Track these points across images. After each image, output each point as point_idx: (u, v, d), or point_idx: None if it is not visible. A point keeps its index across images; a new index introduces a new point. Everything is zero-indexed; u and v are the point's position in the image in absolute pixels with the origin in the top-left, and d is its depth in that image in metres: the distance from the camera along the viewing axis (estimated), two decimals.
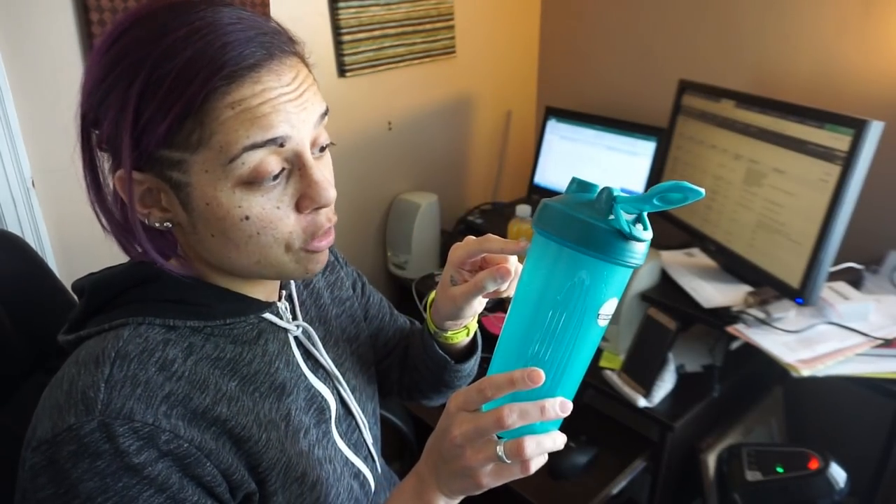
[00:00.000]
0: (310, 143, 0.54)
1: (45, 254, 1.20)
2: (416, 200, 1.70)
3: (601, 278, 0.47)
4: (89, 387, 0.50)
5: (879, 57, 1.32)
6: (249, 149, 0.49)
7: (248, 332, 0.62)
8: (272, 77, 0.50)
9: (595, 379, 1.29)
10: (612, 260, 0.46)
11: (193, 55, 0.48)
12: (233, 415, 0.56)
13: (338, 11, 1.50)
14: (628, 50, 1.78)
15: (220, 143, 0.49)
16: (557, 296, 0.48)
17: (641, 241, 0.47)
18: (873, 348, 1.07)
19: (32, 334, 0.79)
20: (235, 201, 0.51)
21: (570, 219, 0.46)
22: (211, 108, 0.48)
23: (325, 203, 0.54)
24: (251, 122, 0.49)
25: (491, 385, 0.50)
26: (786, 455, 1.20)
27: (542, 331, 0.49)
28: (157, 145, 0.49)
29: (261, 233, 0.53)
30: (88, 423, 0.48)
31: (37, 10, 1.11)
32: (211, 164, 0.50)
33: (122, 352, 0.52)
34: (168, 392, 0.52)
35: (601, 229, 0.46)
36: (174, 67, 0.47)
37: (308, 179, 0.53)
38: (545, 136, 1.86)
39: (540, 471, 0.54)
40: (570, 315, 0.48)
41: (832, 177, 1.04)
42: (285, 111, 0.50)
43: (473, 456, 0.51)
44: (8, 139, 1.11)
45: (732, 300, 1.22)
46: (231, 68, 0.48)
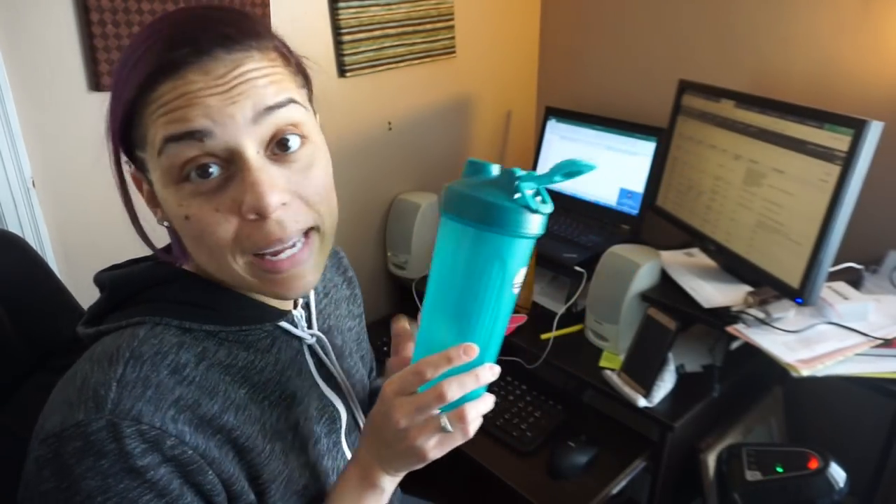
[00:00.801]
0: (258, 140, 0.51)
1: (45, 254, 1.20)
2: (416, 200, 1.70)
3: (512, 252, 0.51)
4: (101, 385, 0.50)
5: (879, 57, 1.32)
6: (169, 141, 0.49)
7: (263, 340, 0.61)
8: (197, 73, 0.49)
9: (595, 379, 1.29)
10: (521, 234, 0.50)
11: (136, 59, 0.50)
12: (239, 423, 0.56)
13: (338, 11, 1.50)
14: (628, 50, 1.78)
15: (150, 138, 0.51)
16: (475, 274, 0.51)
17: (544, 214, 0.51)
18: (873, 348, 1.07)
19: (33, 334, 0.79)
20: (176, 199, 0.52)
21: (480, 201, 0.49)
22: (143, 107, 0.51)
23: (261, 209, 0.50)
24: (167, 116, 0.49)
25: (429, 365, 0.52)
26: (786, 455, 1.20)
27: (465, 308, 0.52)
28: (127, 144, 0.54)
29: (202, 235, 0.52)
30: (97, 420, 0.48)
31: (37, 10, 1.11)
32: (152, 162, 0.52)
33: (136, 352, 0.52)
34: (178, 396, 0.52)
35: (508, 208, 0.49)
36: (123, 72, 0.52)
37: (244, 182, 0.50)
38: (545, 136, 1.86)
39: (540, 471, 0.55)
40: (489, 290, 0.52)
41: (832, 177, 1.04)
42: (204, 105, 0.49)
43: (418, 434, 0.53)
44: (8, 139, 1.11)
45: (732, 300, 1.22)
46: (153, 68, 0.49)
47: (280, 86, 0.52)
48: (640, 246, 1.37)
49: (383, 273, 1.82)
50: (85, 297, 0.87)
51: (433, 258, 0.54)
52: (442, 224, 0.53)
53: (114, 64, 1.17)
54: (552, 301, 1.54)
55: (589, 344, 1.40)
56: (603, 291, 1.34)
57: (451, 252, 0.52)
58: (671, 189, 1.49)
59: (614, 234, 1.64)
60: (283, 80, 0.53)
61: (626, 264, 1.30)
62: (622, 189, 1.68)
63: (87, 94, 1.19)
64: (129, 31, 1.18)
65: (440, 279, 0.53)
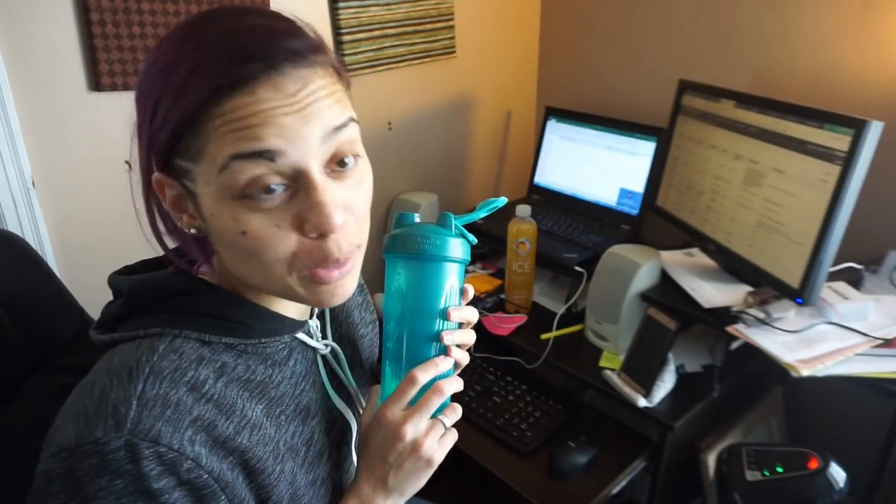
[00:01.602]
0: (322, 160, 0.51)
1: (45, 254, 1.20)
2: (416, 200, 1.70)
3: (459, 273, 0.62)
4: (121, 402, 0.49)
5: (879, 57, 1.32)
6: (236, 158, 0.48)
7: (280, 352, 0.61)
8: (268, 89, 0.48)
9: (595, 379, 1.29)
10: (463, 260, 0.61)
11: (194, 67, 0.48)
12: (252, 445, 0.55)
13: (338, 11, 1.50)
14: (628, 50, 1.78)
15: (211, 153, 0.49)
16: (438, 294, 0.60)
17: (474, 243, 0.62)
18: (873, 348, 1.07)
19: (33, 334, 0.79)
20: (232, 214, 0.50)
21: (434, 239, 0.59)
22: (205, 119, 0.48)
23: (325, 230, 0.51)
24: (238, 132, 0.48)
25: (419, 371, 0.58)
26: (786, 455, 1.20)
27: (435, 321, 0.60)
28: (167, 153, 0.51)
29: (259, 251, 0.51)
30: (116, 439, 0.47)
31: (37, 10, 1.11)
32: (209, 175, 0.50)
33: (156, 367, 0.51)
34: (196, 416, 0.52)
35: (455, 241, 0.60)
36: (177, 80, 0.49)
37: (310, 201, 0.50)
38: (545, 136, 1.86)
39: (540, 471, 0.56)
40: (451, 304, 0.61)
41: (832, 177, 1.04)
42: (278, 124, 0.48)
43: (424, 439, 0.57)
44: (8, 139, 1.11)
45: (732, 300, 1.22)
46: (222, 81, 0.47)
47: (341, 105, 0.53)
48: (640, 246, 1.37)
49: (383, 273, 1.81)
50: (85, 297, 0.87)
51: (394, 292, 0.61)
52: (401, 265, 0.61)
53: (116, 68, 1.17)
54: (552, 301, 1.54)
55: (589, 344, 1.40)
56: (603, 291, 1.34)
57: (412, 284, 0.60)
58: (671, 189, 1.49)
59: (614, 234, 1.64)
60: (343, 98, 0.54)
61: (626, 264, 1.30)
62: (622, 189, 1.68)
63: (87, 94, 1.19)
64: (128, 30, 1.18)
65: (409, 305, 0.61)
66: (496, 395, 1.37)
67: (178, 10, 1.23)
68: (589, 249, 1.56)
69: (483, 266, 1.74)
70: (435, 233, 0.59)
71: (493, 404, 1.35)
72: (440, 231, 0.59)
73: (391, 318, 0.61)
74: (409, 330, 0.60)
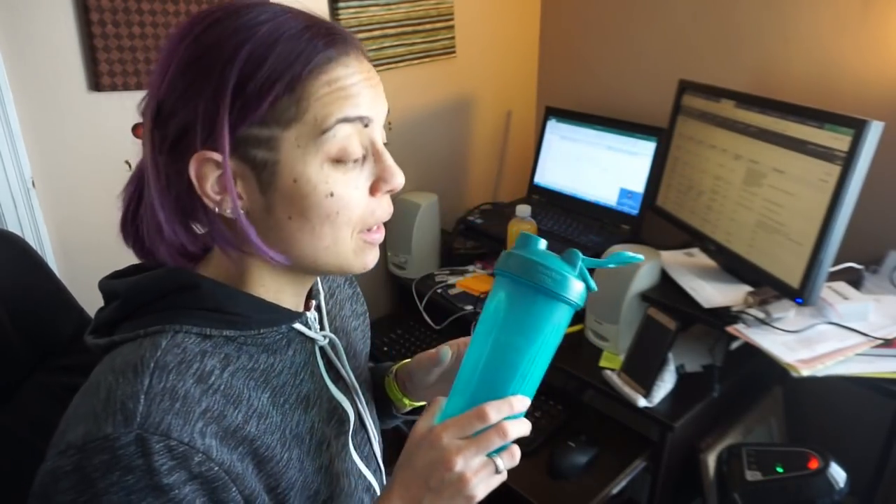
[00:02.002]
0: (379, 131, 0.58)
1: (45, 253, 1.20)
2: (416, 200, 1.70)
3: (567, 317, 0.60)
4: (129, 397, 0.49)
5: (879, 57, 1.32)
6: (342, 121, 0.53)
7: (279, 342, 0.62)
8: (355, 63, 0.54)
9: (595, 379, 1.29)
10: (577, 305, 0.59)
11: (289, 40, 0.52)
12: (260, 433, 0.56)
13: (338, 11, 1.50)
14: (628, 50, 1.78)
15: (314, 117, 0.52)
16: (540, 332, 0.58)
17: (594, 290, 0.60)
18: (873, 348, 1.07)
19: (32, 334, 0.79)
20: (323, 177, 0.54)
21: (558, 274, 0.56)
22: (309, 85, 0.52)
23: (397, 186, 0.58)
24: (345, 98, 0.53)
25: (492, 409, 0.56)
26: (786, 455, 1.20)
27: (525, 362, 0.59)
28: (250, 124, 0.52)
29: (340, 212, 0.55)
30: (126, 434, 0.47)
31: (37, 10, 1.11)
32: (304, 139, 0.53)
33: (160, 362, 0.52)
34: (205, 408, 0.52)
35: (577, 284, 0.58)
36: (272, 52, 0.51)
37: (382, 163, 0.57)
38: (545, 136, 1.86)
39: (540, 471, 0.56)
40: (549, 349, 0.60)
41: (832, 177, 1.04)
42: (369, 94, 0.55)
43: (473, 476, 0.55)
44: (8, 139, 1.11)
45: (732, 300, 1.22)
46: (326, 52, 0.52)
47: None
48: (640, 246, 1.37)
49: (383, 273, 1.82)
50: (85, 296, 0.87)
51: (485, 314, 0.59)
52: (510, 289, 0.58)
53: (116, 68, 1.17)
54: None
55: (589, 344, 1.40)
56: (603, 291, 1.34)
57: (518, 316, 0.58)
58: (671, 189, 1.49)
59: (614, 234, 1.64)
60: None
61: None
62: (622, 189, 1.68)
63: (87, 94, 1.18)
64: (128, 30, 1.18)
65: (508, 337, 0.58)
66: None
67: (178, 9, 1.23)
68: (589, 249, 1.55)
69: (483, 266, 1.74)
70: (560, 268, 0.56)
71: None
72: (564, 267, 0.57)
73: (482, 335, 0.59)
74: (494, 357, 0.58)
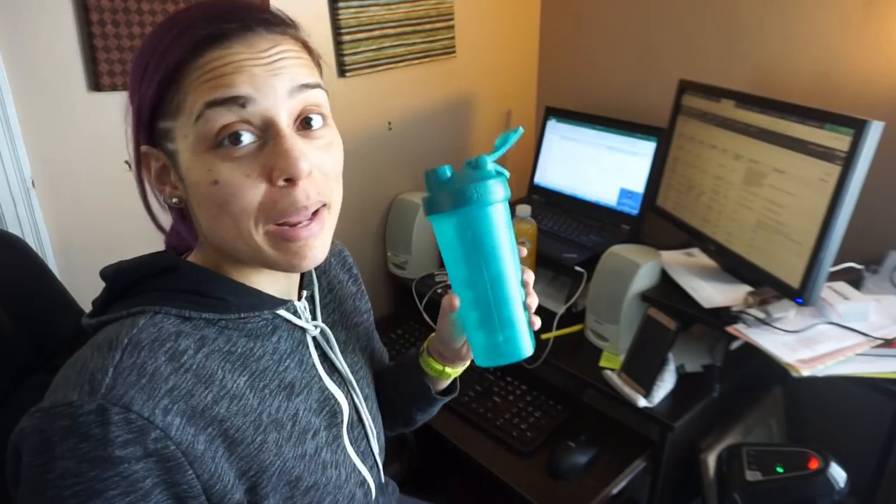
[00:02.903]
0: (289, 113, 0.55)
1: (45, 254, 1.20)
2: (416, 200, 1.70)
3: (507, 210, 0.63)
4: (99, 369, 0.51)
5: (880, 57, 1.32)
6: (211, 105, 0.52)
7: (263, 328, 0.62)
8: (242, 45, 0.53)
9: (595, 379, 1.29)
10: (507, 197, 0.62)
11: (178, 32, 0.53)
12: (231, 415, 0.56)
13: (338, 11, 1.50)
14: (628, 50, 1.78)
15: (190, 104, 0.53)
16: (506, 233, 0.63)
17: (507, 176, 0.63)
18: (873, 348, 1.07)
19: (32, 335, 0.79)
20: (206, 164, 0.53)
21: (487, 185, 0.60)
22: (185, 73, 0.53)
23: (293, 174, 0.53)
24: (213, 80, 0.52)
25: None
26: (786, 455, 1.20)
27: (509, 259, 0.63)
28: (151, 116, 0.55)
29: (230, 200, 0.53)
30: (89, 403, 0.49)
31: (37, 11, 1.11)
32: (187, 128, 0.53)
33: (134, 339, 0.53)
34: (172, 386, 0.53)
35: (502, 181, 0.61)
36: (160, 43, 0.53)
37: (278, 148, 0.53)
38: (545, 136, 1.86)
39: (540, 471, 0.55)
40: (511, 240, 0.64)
41: (832, 177, 1.04)
42: (249, 73, 0.52)
43: None
44: (8, 139, 1.11)
45: (732, 300, 1.22)
46: (201, 36, 0.52)
47: (310, 70, 0.57)
48: (640, 246, 1.37)
49: (383, 273, 1.81)
50: (85, 297, 0.86)
51: (452, 260, 0.63)
52: (451, 222, 0.61)
53: (116, 68, 1.17)
54: (552, 301, 1.54)
55: (589, 344, 1.40)
56: (603, 291, 1.34)
57: (449, 239, 0.62)
58: (671, 189, 1.49)
59: (614, 234, 1.64)
60: (311, 66, 0.58)
61: (626, 264, 1.30)
62: (622, 189, 1.68)
63: (87, 94, 1.18)
64: (128, 30, 1.18)
65: (478, 260, 0.62)
66: (496, 396, 1.37)
67: (178, 9, 1.23)
68: (589, 249, 1.55)
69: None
70: (483, 178, 0.60)
71: (493, 404, 1.35)
72: (486, 175, 0.61)
73: (466, 276, 0.62)
74: (491, 278, 0.62)
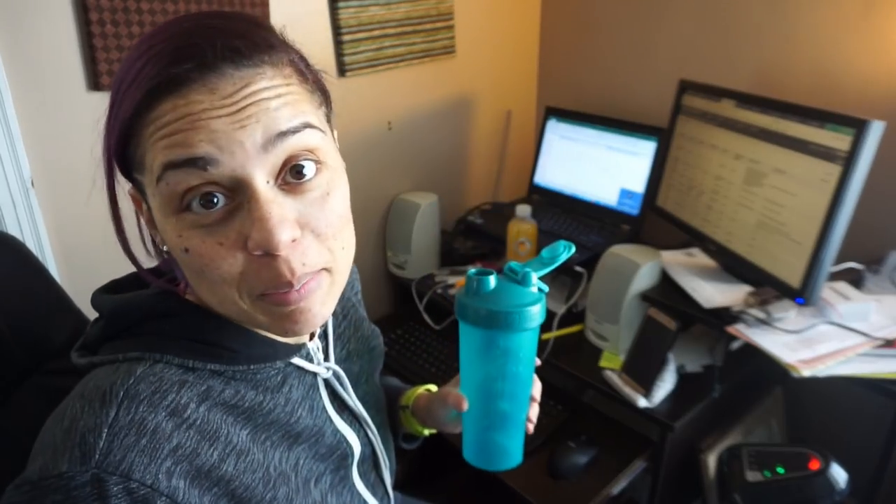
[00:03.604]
0: (269, 169, 0.46)
1: (44, 256, 1.20)
2: (416, 200, 1.69)
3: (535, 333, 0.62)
4: (90, 430, 0.44)
5: (880, 56, 1.32)
6: (169, 168, 0.44)
7: (273, 378, 0.56)
8: (201, 91, 0.44)
9: (595, 379, 1.28)
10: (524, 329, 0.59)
11: (136, 73, 0.45)
12: (239, 473, 0.51)
13: (338, 11, 1.50)
14: (628, 50, 1.78)
15: (149, 162, 0.46)
16: (534, 354, 0.63)
17: (546, 291, 0.61)
18: (874, 348, 1.07)
19: (30, 337, 0.79)
20: (175, 229, 0.47)
21: (530, 312, 0.58)
22: (141, 128, 0.46)
23: (269, 247, 0.45)
24: (168, 139, 0.44)
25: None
26: (786, 455, 1.20)
27: (531, 375, 0.64)
28: (122, 165, 0.50)
29: (204, 270, 0.47)
30: (82, 474, 0.43)
31: (37, 10, 1.11)
32: (151, 188, 0.47)
33: (131, 391, 0.47)
34: (176, 445, 0.47)
35: (543, 305, 0.59)
36: (122, 87, 0.47)
37: (251, 216, 0.45)
38: (545, 136, 1.86)
39: (540, 471, 0.55)
40: (529, 363, 0.63)
41: (833, 177, 1.04)
42: (208, 129, 0.44)
43: None
44: (8, 139, 1.11)
45: (732, 300, 1.22)
46: (152, 84, 0.44)
47: (295, 108, 0.47)
48: (641, 246, 1.37)
49: (383, 273, 1.81)
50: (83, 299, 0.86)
51: (479, 362, 0.63)
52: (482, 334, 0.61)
53: (115, 68, 1.17)
54: (552, 301, 1.54)
55: (589, 344, 1.40)
56: (603, 291, 1.34)
57: (475, 350, 0.62)
58: (671, 189, 1.48)
59: (614, 234, 1.63)
60: (299, 101, 0.48)
61: (626, 264, 1.30)
62: (622, 189, 1.68)
63: (87, 94, 1.18)
64: (128, 30, 1.18)
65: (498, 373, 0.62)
66: None
67: (178, 9, 1.22)
68: (589, 249, 1.55)
69: (483, 266, 1.74)
70: (526, 303, 0.58)
71: None
72: (528, 298, 0.59)
73: (481, 383, 0.63)
74: (507, 394, 0.63)
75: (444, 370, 1.48)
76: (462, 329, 0.61)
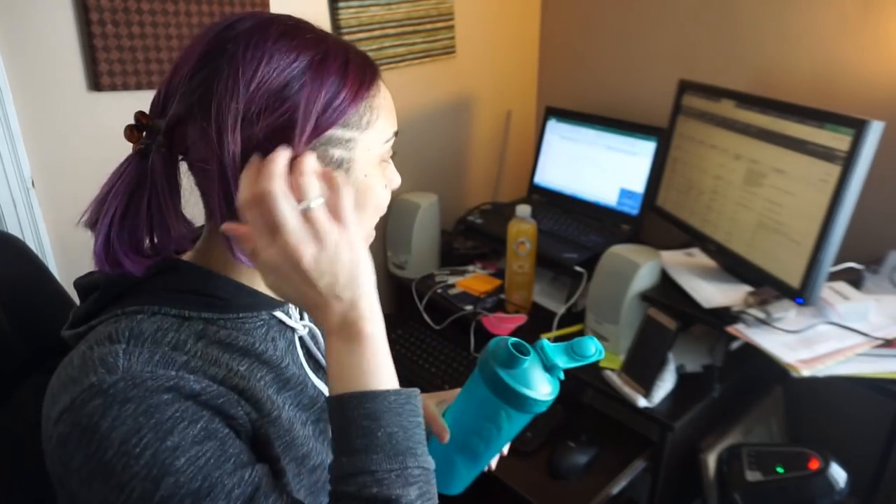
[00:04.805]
0: None
1: (44, 254, 1.20)
2: (416, 200, 1.69)
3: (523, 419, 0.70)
4: (107, 354, 0.50)
5: (880, 56, 1.32)
6: (395, 133, 0.63)
7: (259, 328, 0.63)
8: None
9: (595, 379, 1.29)
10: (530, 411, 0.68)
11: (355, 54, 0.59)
12: (248, 387, 0.56)
13: (338, 11, 1.50)
14: (628, 50, 1.78)
15: (382, 126, 0.61)
16: (514, 424, 0.70)
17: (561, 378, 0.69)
18: (873, 348, 1.07)
19: (31, 336, 0.79)
20: (381, 174, 0.63)
21: (545, 402, 0.66)
22: (376, 95, 0.59)
23: (397, 186, 0.68)
24: (391, 112, 0.63)
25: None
26: (786, 455, 1.20)
27: (499, 436, 0.70)
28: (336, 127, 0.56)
29: (382, 203, 0.64)
30: (111, 377, 0.48)
31: (37, 10, 1.11)
32: (374, 143, 0.60)
33: (135, 331, 0.53)
34: (185, 361, 0.53)
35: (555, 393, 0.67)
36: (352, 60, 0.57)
37: (392, 168, 0.66)
38: (545, 136, 1.86)
39: (540, 470, 0.56)
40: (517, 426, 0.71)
41: (832, 177, 1.04)
42: None
43: None
44: (8, 139, 1.11)
45: (732, 300, 1.22)
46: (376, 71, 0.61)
47: None
48: (640, 246, 1.37)
49: (383, 273, 1.81)
50: None
51: (477, 409, 0.70)
52: (480, 384, 0.68)
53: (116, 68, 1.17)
54: (552, 301, 1.54)
55: None
56: (603, 291, 1.34)
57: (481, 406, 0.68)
58: (671, 189, 1.49)
59: (614, 234, 1.64)
60: None
61: (626, 264, 1.30)
62: (622, 189, 1.68)
63: (87, 94, 1.18)
64: (128, 30, 1.18)
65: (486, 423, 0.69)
66: None
67: (178, 9, 1.22)
68: (589, 249, 1.55)
69: (483, 266, 1.74)
70: (549, 393, 0.66)
71: None
72: (550, 386, 0.67)
73: (472, 430, 0.70)
74: (493, 445, 0.71)
75: (444, 370, 1.48)
76: (478, 383, 0.68)
